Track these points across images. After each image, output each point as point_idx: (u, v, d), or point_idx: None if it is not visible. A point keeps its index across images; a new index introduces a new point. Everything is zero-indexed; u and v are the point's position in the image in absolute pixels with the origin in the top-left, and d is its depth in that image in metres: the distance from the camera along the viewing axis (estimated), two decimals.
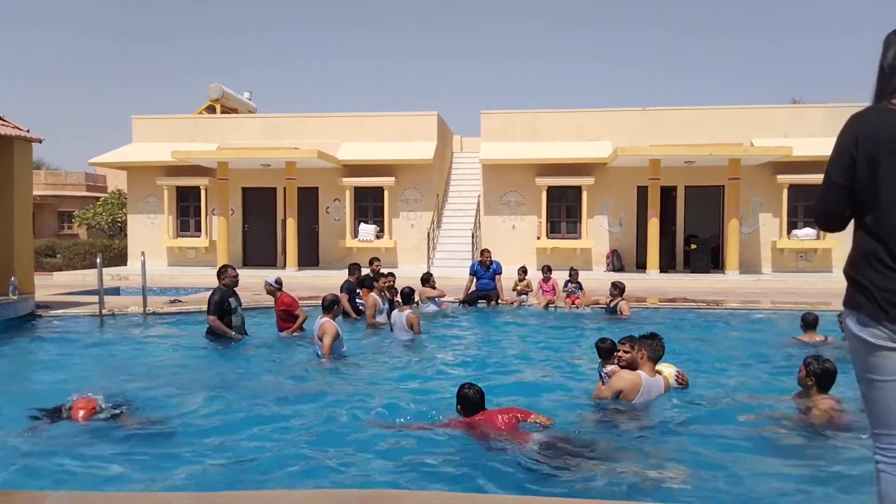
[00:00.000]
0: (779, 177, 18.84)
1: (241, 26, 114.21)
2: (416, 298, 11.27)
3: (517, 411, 5.08)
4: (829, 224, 2.64)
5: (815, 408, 5.12)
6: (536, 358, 8.38)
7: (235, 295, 8.98)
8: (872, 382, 2.51)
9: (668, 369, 5.92)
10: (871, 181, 2.45)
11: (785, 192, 18.95)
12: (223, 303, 8.75)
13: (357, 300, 11.25)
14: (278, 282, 9.72)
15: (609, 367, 6.03)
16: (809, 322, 8.55)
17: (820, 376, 5.16)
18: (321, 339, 7.75)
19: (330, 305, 8.04)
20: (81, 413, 5.23)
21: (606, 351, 6.15)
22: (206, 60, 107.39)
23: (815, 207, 2.69)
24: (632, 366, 5.69)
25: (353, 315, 10.91)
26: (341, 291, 11.03)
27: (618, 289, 11.53)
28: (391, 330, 9.63)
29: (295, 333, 9.38)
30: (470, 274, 13.28)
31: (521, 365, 7.96)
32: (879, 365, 2.47)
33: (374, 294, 10.40)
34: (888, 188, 2.42)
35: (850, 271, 2.56)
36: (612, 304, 11.58)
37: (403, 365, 7.85)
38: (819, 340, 8.34)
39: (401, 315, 9.43)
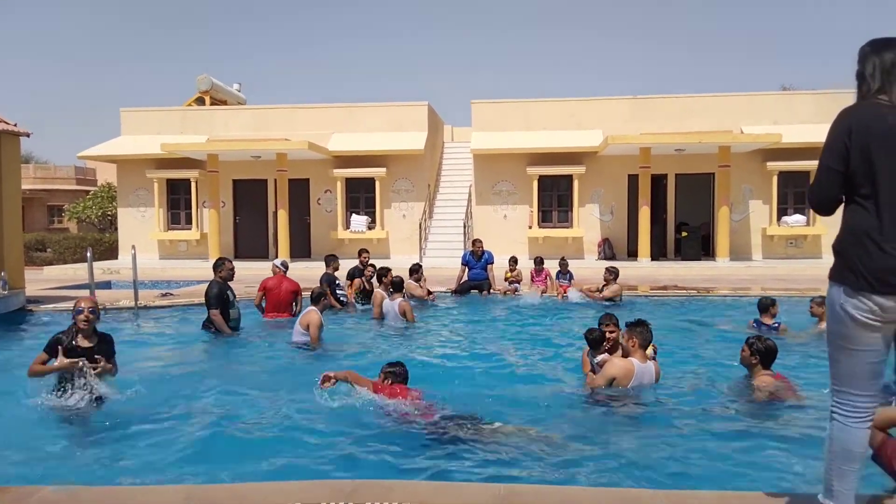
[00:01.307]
0: (768, 164, 18.91)
1: (230, 17, 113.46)
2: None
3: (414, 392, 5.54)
4: (824, 206, 2.89)
5: (759, 384, 5.51)
6: (527, 346, 8.43)
7: (230, 288, 9.00)
8: (843, 349, 2.81)
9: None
10: (864, 166, 2.72)
11: (775, 179, 19.02)
12: (222, 295, 8.74)
13: (338, 291, 11.26)
14: (284, 264, 10.32)
15: (599, 357, 6.06)
16: (767, 305, 8.69)
17: (763, 354, 5.53)
18: (306, 329, 7.97)
19: (317, 298, 8.32)
20: (84, 303, 5.50)
21: (596, 341, 6.18)
22: (195, 52, 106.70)
23: (811, 191, 2.93)
24: (613, 348, 5.78)
25: (338, 306, 10.94)
26: (321, 283, 11.05)
27: (612, 273, 11.59)
28: (383, 319, 9.68)
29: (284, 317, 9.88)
30: (462, 264, 13.31)
31: (513, 353, 8.00)
32: (854, 336, 2.76)
33: (380, 290, 10.43)
34: (881, 172, 2.69)
35: (839, 247, 2.81)
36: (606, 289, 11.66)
37: (393, 354, 7.86)
38: (772, 323, 8.48)
39: (393, 304, 9.53)
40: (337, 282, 11.35)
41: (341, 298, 11.24)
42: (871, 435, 3.25)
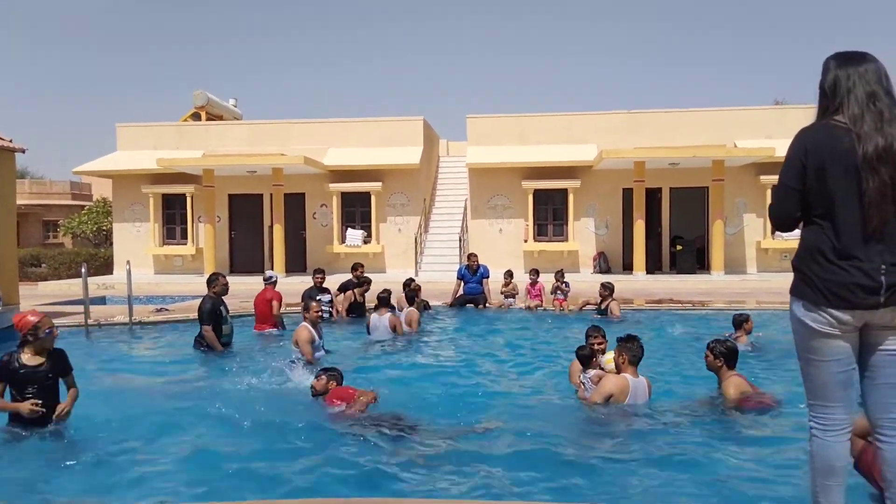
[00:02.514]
0: (762, 177, 19.00)
1: (225, 33, 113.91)
2: (395, 303, 11.32)
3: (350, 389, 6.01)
4: (783, 224, 2.97)
5: (728, 386, 5.73)
6: (522, 360, 8.42)
7: (224, 303, 8.99)
8: (811, 361, 2.89)
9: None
10: (819, 186, 2.78)
11: (768, 193, 19.10)
12: (215, 311, 8.72)
13: (322, 305, 11.26)
14: (268, 278, 10.57)
15: (592, 373, 6.07)
16: (741, 322, 8.64)
17: (727, 355, 5.79)
18: (296, 345, 7.91)
19: (303, 311, 8.33)
20: (31, 318, 5.20)
21: (586, 357, 6.19)
22: (191, 67, 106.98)
23: (771, 209, 3.01)
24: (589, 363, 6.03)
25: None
26: (303, 298, 11.05)
27: (608, 289, 11.53)
28: (367, 333, 9.61)
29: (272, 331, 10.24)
30: (457, 278, 13.34)
31: (507, 366, 8.01)
32: (817, 347, 2.84)
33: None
34: (836, 192, 2.74)
35: (796, 263, 2.89)
36: (602, 306, 11.62)
37: (387, 367, 7.88)
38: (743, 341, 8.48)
39: (381, 319, 9.52)
40: (319, 297, 11.27)
41: (323, 314, 11.20)
42: (850, 442, 3.29)
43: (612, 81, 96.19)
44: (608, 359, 6.11)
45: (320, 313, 8.34)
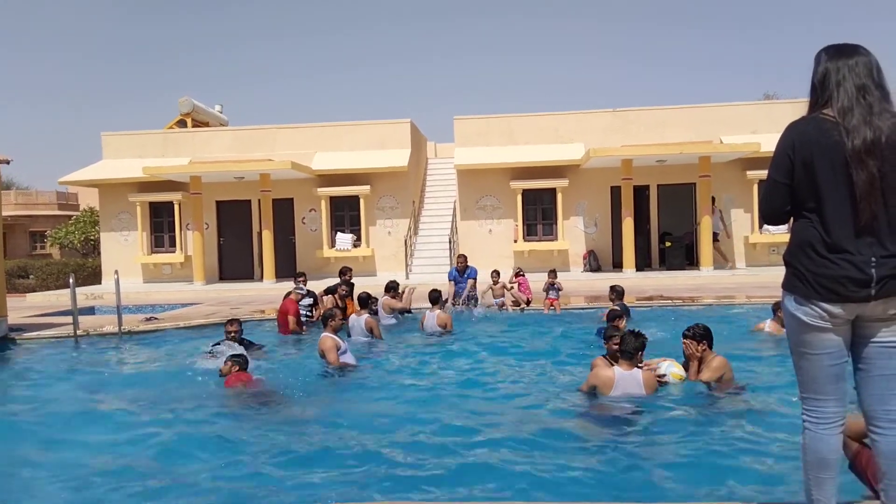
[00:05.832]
0: (748, 172, 19.11)
1: (210, 39, 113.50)
2: (379, 308, 11.30)
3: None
4: (774, 218, 2.98)
5: (718, 369, 5.84)
6: (514, 358, 8.45)
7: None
8: (803, 355, 2.90)
9: (673, 367, 6.08)
10: (808, 180, 2.79)
11: (755, 188, 19.19)
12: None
13: (301, 311, 11.25)
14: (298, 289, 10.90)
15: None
16: (615, 316, 8.52)
17: (708, 335, 5.90)
18: (322, 356, 7.81)
19: (325, 320, 8.16)
20: None
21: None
22: (176, 74, 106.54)
23: (761, 204, 3.03)
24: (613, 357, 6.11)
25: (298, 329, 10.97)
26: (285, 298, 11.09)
27: (615, 292, 11.12)
28: (347, 335, 9.57)
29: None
30: (449, 280, 13.40)
31: (499, 366, 8.02)
32: (809, 341, 2.85)
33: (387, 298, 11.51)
34: (824, 186, 2.75)
35: (788, 258, 2.90)
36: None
37: (378, 371, 7.87)
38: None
39: (359, 319, 9.54)
40: (301, 300, 11.16)
41: (302, 318, 11.09)
42: (846, 445, 3.29)
43: (598, 80, 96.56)
44: (673, 373, 6.07)
45: (342, 323, 8.34)
